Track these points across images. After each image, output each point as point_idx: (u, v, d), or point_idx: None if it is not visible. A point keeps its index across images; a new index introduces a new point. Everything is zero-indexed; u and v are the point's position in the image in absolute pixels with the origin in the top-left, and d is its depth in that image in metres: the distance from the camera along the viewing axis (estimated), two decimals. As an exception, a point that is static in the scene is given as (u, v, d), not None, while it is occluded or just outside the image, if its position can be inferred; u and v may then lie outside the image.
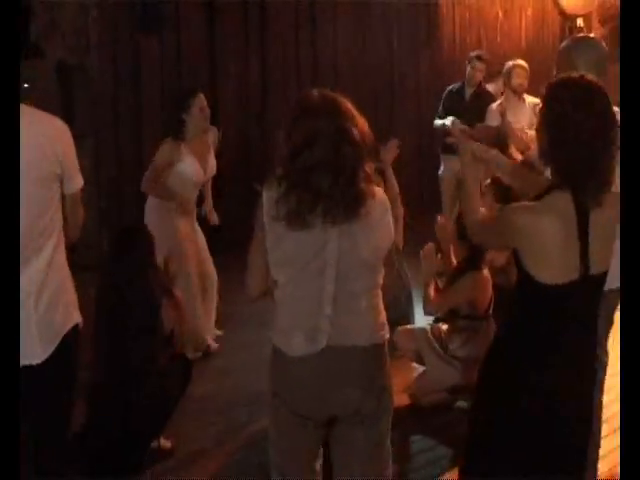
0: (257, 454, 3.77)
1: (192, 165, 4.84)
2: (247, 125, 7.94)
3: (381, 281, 2.42)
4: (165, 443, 3.80)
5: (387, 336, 2.44)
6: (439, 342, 4.23)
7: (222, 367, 4.91)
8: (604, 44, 3.32)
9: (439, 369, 4.16)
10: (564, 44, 3.33)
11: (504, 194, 3.69)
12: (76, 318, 2.70)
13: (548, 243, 2.30)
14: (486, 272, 4.10)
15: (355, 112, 2.34)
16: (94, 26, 7.00)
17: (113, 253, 3.79)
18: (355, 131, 2.29)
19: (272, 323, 2.43)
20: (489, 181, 4.13)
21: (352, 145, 2.28)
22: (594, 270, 2.36)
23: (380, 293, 2.43)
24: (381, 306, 2.44)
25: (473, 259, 4.07)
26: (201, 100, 4.82)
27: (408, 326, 4.28)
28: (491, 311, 4.11)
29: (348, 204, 2.27)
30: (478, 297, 4.07)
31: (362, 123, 2.33)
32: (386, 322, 2.45)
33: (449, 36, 9.46)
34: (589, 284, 2.38)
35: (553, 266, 2.33)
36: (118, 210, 7.32)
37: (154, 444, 3.71)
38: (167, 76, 7.41)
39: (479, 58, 6.97)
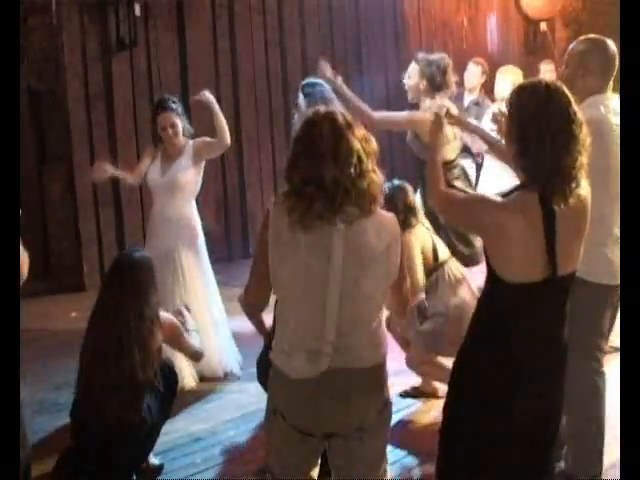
0: (247, 467, 3.80)
1: (153, 170, 4.80)
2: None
3: (383, 304, 2.41)
4: (153, 461, 3.81)
5: (386, 351, 2.43)
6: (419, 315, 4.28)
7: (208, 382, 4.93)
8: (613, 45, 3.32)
9: (423, 337, 4.23)
10: (577, 45, 3.32)
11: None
12: None
13: (512, 242, 2.34)
14: (417, 228, 4.18)
15: (356, 123, 2.35)
16: (63, 50, 7.03)
17: (105, 277, 3.75)
18: (356, 133, 2.31)
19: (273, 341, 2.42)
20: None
21: (355, 140, 2.29)
22: (561, 271, 2.39)
23: (382, 313, 2.42)
24: (382, 324, 2.43)
25: (406, 220, 4.11)
26: (163, 119, 4.72)
27: None
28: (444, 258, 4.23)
29: (357, 195, 2.26)
30: (421, 253, 4.15)
31: (364, 133, 2.35)
32: (386, 338, 2.44)
33: (416, 46, 9.56)
34: (555, 285, 2.40)
35: (517, 265, 2.37)
36: (96, 233, 7.33)
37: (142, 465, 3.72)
38: (139, 91, 7.43)
39: (475, 62, 7.03)
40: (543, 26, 10.23)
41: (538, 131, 2.34)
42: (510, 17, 10.40)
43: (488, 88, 7.21)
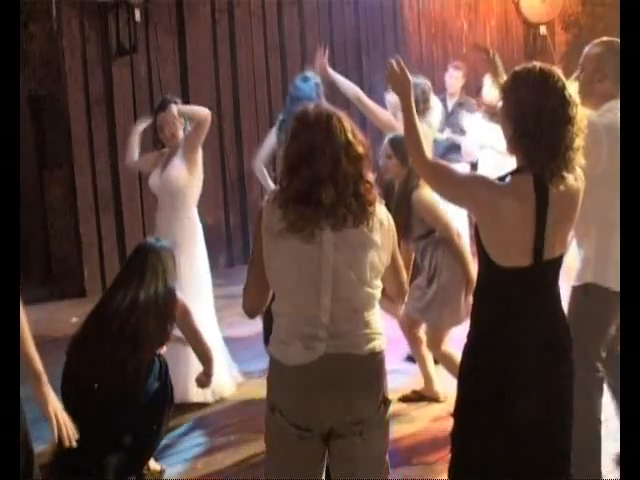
0: (248, 472, 3.80)
1: (154, 175, 4.77)
2: (220, 137, 8.00)
3: (379, 293, 2.41)
4: (154, 465, 3.80)
5: (385, 344, 2.43)
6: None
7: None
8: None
9: (429, 311, 4.21)
10: (592, 48, 3.29)
11: None
12: None
13: (506, 225, 2.37)
14: (427, 190, 4.06)
15: (352, 125, 2.34)
16: (64, 55, 7.03)
17: (128, 257, 3.82)
18: (354, 144, 2.30)
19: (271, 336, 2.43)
20: None
21: (352, 158, 2.29)
22: (547, 255, 2.41)
23: (378, 304, 2.43)
24: (379, 315, 2.44)
25: (412, 177, 4.09)
26: (161, 118, 4.68)
27: None
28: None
29: (354, 216, 2.29)
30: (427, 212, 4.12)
31: (360, 136, 2.35)
32: (383, 331, 2.44)
33: (416, 50, 9.59)
34: (543, 270, 2.43)
35: (510, 249, 2.40)
36: (97, 238, 7.33)
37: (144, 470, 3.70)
38: (139, 96, 7.44)
39: (455, 67, 7.18)
40: (543, 30, 10.24)
41: (536, 112, 2.36)
42: (510, 21, 10.41)
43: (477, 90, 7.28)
